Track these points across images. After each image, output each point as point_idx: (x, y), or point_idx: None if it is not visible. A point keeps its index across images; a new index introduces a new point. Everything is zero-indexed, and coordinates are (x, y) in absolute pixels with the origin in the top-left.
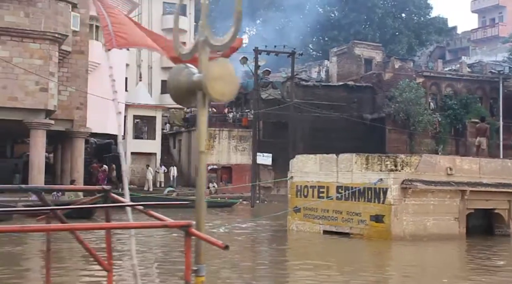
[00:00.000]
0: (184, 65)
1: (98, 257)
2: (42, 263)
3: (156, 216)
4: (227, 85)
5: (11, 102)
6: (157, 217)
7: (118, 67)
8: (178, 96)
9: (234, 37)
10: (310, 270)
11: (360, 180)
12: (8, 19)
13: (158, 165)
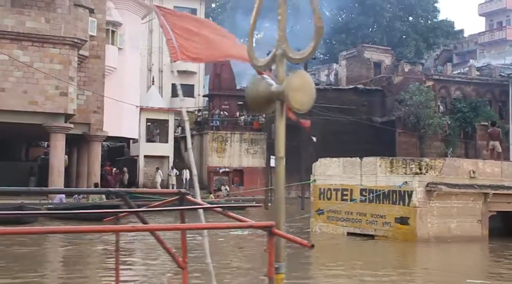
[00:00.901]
0: (260, 76)
1: (175, 255)
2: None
3: (236, 217)
4: (306, 96)
5: (32, 106)
6: (237, 219)
7: (132, 71)
8: (256, 104)
9: (313, 51)
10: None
11: (384, 183)
12: (29, 25)
13: (170, 168)
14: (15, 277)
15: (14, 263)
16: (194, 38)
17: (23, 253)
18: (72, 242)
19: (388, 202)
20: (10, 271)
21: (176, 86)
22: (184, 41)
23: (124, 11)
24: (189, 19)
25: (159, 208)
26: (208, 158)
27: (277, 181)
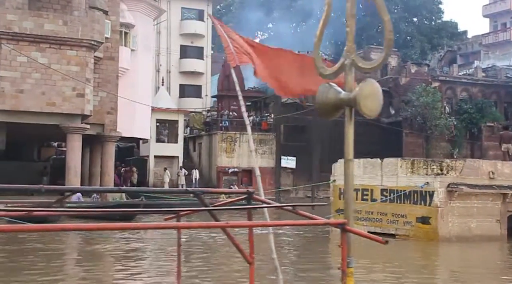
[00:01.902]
0: (328, 84)
1: (243, 251)
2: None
3: (307, 215)
4: (375, 102)
5: (50, 108)
6: (309, 217)
7: (144, 72)
8: (325, 110)
9: (383, 62)
10: (368, 270)
11: (405, 183)
12: (47, 27)
13: (179, 168)
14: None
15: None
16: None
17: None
18: (90, 239)
19: (409, 202)
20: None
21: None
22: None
23: (136, 13)
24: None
25: (228, 207)
26: (217, 158)
27: (346, 182)
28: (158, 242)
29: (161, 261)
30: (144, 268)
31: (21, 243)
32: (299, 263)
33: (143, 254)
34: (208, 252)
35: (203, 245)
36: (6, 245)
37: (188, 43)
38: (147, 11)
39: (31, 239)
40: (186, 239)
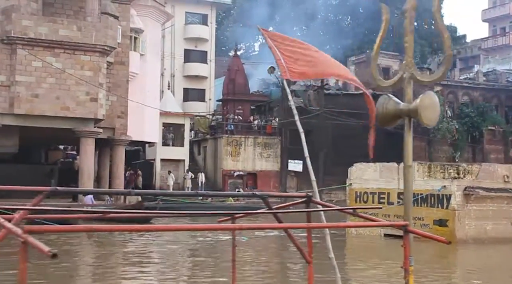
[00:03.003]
0: (387, 96)
1: (303, 251)
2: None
3: (369, 218)
4: (434, 113)
5: (64, 112)
6: (370, 219)
7: (153, 76)
8: (385, 119)
9: (443, 76)
10: (388, 270)
11: (422, 187)
12: (62, 32)
13: (185, 171)
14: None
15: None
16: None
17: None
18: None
19: (426, 205)
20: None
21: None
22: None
23: (145, 18)
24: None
25: (289, 210)
26: (223, 162)
27: (406, 186)
28: (173, 245)
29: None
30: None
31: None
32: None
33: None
34: (247, 252)
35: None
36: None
37: (192, 47)
38: (155, 16)
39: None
40: (198, 243)
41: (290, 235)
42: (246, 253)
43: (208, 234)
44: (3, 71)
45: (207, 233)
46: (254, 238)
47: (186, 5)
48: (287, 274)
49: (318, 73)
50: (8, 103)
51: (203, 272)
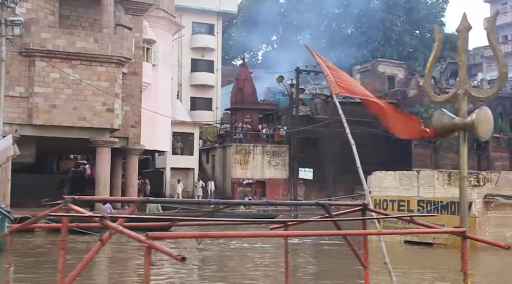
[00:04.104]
0: (441, 110)
1: (360, 256)
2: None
3: (427, 224)
4: (488, 126)
5: (81, 122)
6: (428, 226)
7: (164, 86)
8: (440, 133)
9: (497, 92)
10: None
11: (442, 195)
12: (79, 44)
13: (196, 180)
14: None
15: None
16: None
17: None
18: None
19: (446, 213)
20: None
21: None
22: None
23: (157, 29)
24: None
25: (346, 218)
26: (232, 170)
27: (461, 195)
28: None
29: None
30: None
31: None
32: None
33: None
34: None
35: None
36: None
37: (199, 56)
38: (167, 27)
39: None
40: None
41: (349, 241)
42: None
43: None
44: (22, 82)
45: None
46: (274, 246)
47: (193, 15)
48: (337, 277)
49: (360, 94)
50: (26, 114)
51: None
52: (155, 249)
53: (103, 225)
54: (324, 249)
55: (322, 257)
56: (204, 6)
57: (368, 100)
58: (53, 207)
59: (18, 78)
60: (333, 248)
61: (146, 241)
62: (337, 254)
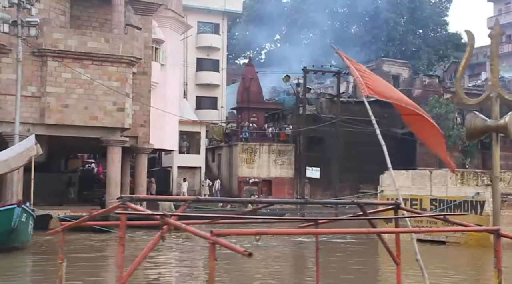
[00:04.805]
0: (474, 113)
1: (392, 253)
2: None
3: (460, 223)
4: None
5: (92, 121)
6: (461, 224)
7: (173, 86)
8: (472, 134)
9: None
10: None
11: (455, 194)
12: (90, 45)
13: (203, 179)
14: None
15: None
16: (371, 76)
17: None
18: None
19: (459, 211)
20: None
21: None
22: (366, 79)
23: (166, 29)
24: (361, 65)
25: (378, 217)
26: (238, 169)
27: (494, 195)
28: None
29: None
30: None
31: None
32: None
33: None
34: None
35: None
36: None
37: (204, 56)
38: (175, 27)
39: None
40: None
41: (383, 239)
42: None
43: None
44: (34, 82)
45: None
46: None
47: (198, 15)
48: (362, 273)
49: (392, 97)
50: (39, 114)
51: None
52: (221, 245)
53: (164, 223)
54: (340, 247)
55: (344, 254)
56: (209, 6)
57: (399, 105)
58: (60, 205)
59: (30, 78)
60: (349, 246)
61: (211, 238)
62: (359, 251)
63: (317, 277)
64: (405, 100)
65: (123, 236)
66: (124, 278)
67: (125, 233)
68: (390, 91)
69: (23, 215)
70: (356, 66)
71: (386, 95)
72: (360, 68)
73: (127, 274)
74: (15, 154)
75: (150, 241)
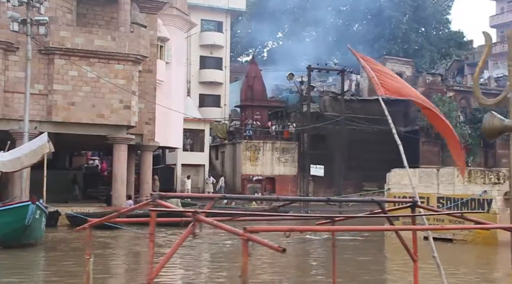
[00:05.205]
0: (491, 113)
1: (410, 250)
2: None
3: (476, 220)
4: None
5: (99, 119)
6: (478, 222)
7: (177, 83)
8: (490, 134)
9: None
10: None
11: (462, 192)
12: (97, 43)
13: (207, 176)
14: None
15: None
16: (388, 75)
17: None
18: None
19: (466, 209)
20: None
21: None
22: (382, 78)
23: (170, 27)
24: (376, 63)
25: (396, 214)
26: (242, 167)
27: (511, 193)
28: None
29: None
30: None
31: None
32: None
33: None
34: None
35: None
36: None
37: (208, 54)
38: (180, 25)
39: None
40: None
41: (400, 236)
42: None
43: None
44: (41, 80)
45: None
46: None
47: (202, 13)
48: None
49: (410, 95)
50: (46, 111)
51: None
52: (254, 241)
53: (196, 220)
54: (347, 244)
55: (353, 251)
56: (212, 4)
57: (419, 103)
58: (65, 202)
59: (37, 75)
60: (358, 244)
61: (244, 234)
62: (365, 248)
63: (334, 274)
64: (421, 98)
65: (153, 233)
66: (155, 273)
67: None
68: (407, 89)
69: (37, 212)
70: (372, 66)
71: (403, 93)
72: (376, 67)
73: (157, 269)
74: (28, 151)
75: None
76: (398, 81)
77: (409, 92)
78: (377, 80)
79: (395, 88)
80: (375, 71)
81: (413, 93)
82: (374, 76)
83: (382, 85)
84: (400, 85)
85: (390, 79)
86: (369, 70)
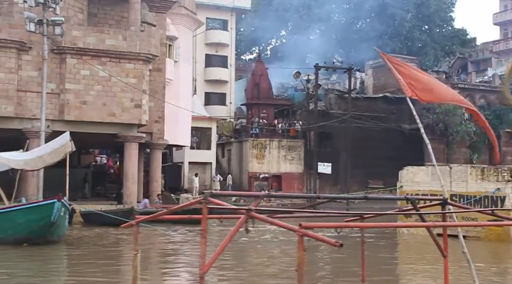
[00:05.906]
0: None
1: (440, 246)
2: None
3: (503, 217)
4: None
5: (110, 118)
6: (504, 218)
7: (185, 82)
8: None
9: None
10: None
11: (475, 189)
12: (108, 42)
13: (214, 174)
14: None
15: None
16: (417, 78)
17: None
18: None
19: (479, 206)
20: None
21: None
22: (410, 80)
23: (179, 26)
24: (404, 63)
25: (425, 212)
26: (249, 164)
27: None
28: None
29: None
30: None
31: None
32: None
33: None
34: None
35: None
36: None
37: (213, 52)
38: (188, 24)
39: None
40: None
41: (431, 233)
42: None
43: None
44: (53, 79)
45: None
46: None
47: (207, 11)
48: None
49: (443, 98)
50: (58, 110)
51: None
52: (310, 236)
53: (249, 216)
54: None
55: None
56: (218, 2)
57: (458, 105)
58: (74, 200)
59: (49, 74)
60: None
61: (300, 230)
62: (381, 246)
63: (363, 269)
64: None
65: (205, 228)
66: (207, 266)
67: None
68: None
69: (62, 209)
70: (399, 68)
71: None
72: (403, 69)
73: (209, 262)
74: (50, 150)
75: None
76: (430, 83)
77: (442, 94)
78: (404, 81)
79: (427, 91)
80: (401, 73)
81: (447, 94)
82: (401, 78)
83: (410, 87)
84: (431, 87)
85: (421, 82)
86: (395, 72)
